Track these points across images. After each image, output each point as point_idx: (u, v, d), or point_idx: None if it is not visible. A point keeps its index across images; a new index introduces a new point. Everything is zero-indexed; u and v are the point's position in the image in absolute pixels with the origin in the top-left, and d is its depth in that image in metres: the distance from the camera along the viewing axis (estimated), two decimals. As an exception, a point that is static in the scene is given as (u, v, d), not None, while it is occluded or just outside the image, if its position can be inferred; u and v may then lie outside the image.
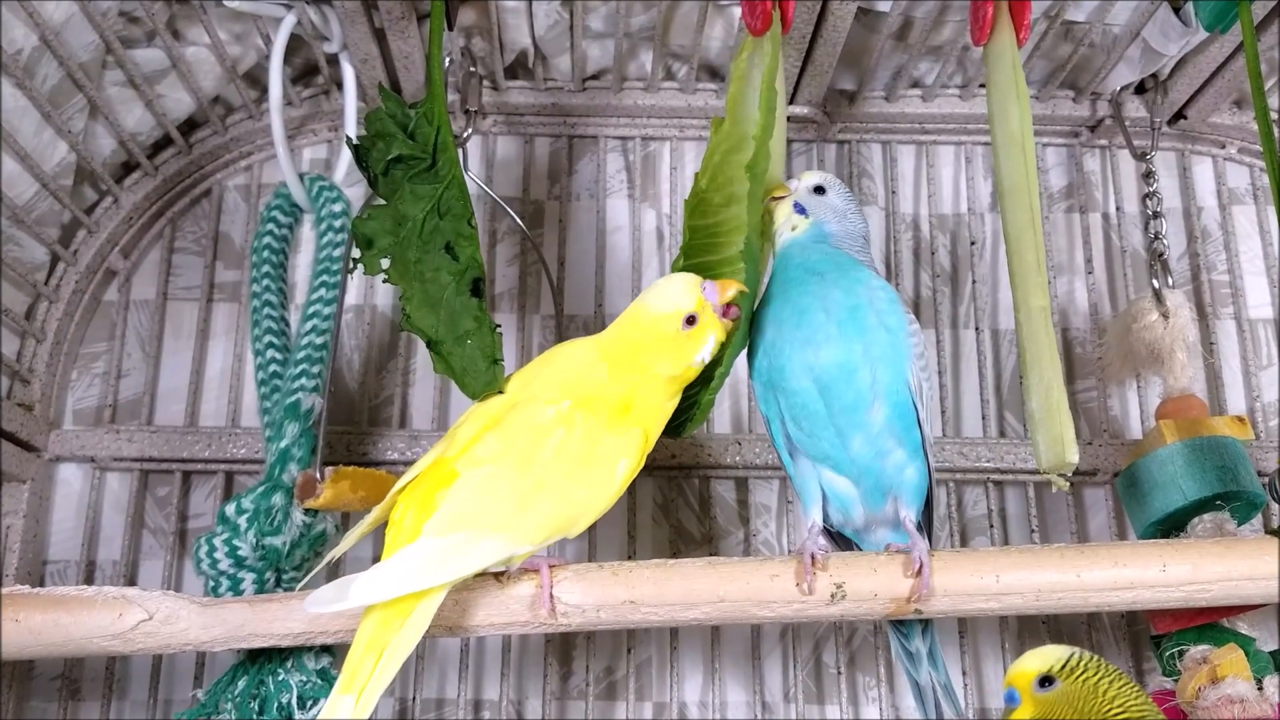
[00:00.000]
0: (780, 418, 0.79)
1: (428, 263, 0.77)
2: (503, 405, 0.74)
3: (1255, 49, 0.83)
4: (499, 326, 0.78)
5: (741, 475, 1.04)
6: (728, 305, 0.74)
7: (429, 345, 0.77)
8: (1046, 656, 0.70)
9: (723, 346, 0.76)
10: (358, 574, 0.67)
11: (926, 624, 0.83)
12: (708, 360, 0.75)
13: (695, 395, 0.79)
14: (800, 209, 0.84)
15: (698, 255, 0.81)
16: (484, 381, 0.76)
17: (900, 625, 0.83)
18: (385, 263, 0.77)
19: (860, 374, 0.75)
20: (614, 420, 0.72)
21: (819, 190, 0.84)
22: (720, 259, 0.80)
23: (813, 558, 0.75)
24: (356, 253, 0.79)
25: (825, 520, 0.80)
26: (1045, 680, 0.69)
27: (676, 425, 0.80)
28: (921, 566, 0.74)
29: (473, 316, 0.77)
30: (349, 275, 0.95)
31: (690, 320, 0.73)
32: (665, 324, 0.73)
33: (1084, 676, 0.69)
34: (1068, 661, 0.69)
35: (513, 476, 0.70)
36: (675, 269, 0.82)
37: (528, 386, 0.75)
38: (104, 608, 0.75)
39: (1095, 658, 0.70)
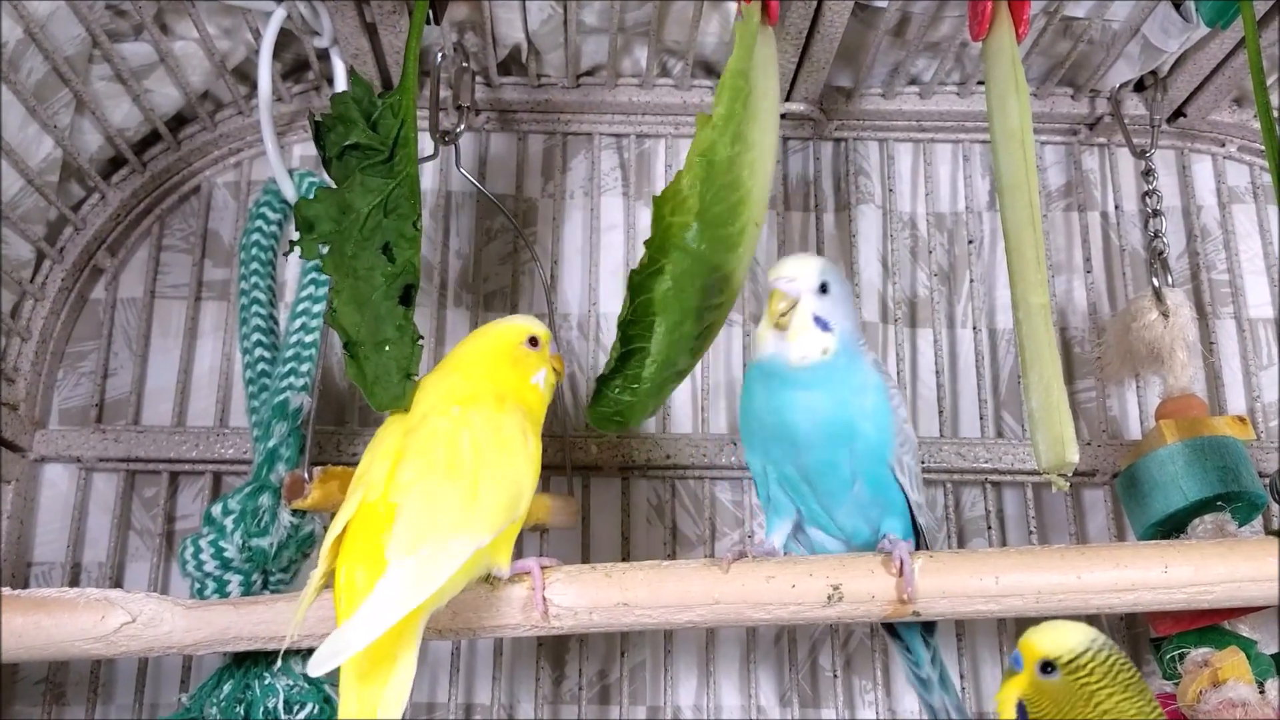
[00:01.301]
0: (764, 474, 0.80)
1: (363, 259, 0.76)
2: (398, 435, 0.73)
3: (1257, 44, 0.82)
4: (422, 339, 0.76)
5: (737, 476, 1.03)
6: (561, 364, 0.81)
7: (345, 346, 0.75)
8: (1062, 641, 0.67)
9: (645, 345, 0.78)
10: (342, 626, 0.64)
11: (934, 653, 0.83)
12: (543, 389, 0.78)
13: (621, 391, 0.79)
14: (823, 324, 0.76)
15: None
16: (393, 395, 0.74)
17: (910, 652, 0.83)
18: (324, 249, 0.76)
19: (842, 469, 0.77)
20: (498, 406, 0.74)
21: (824, 289, 0.77)
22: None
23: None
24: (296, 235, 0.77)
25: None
26: (1047, 666, 0.67)
27: (610, 417, 0.80)
28: (902, 564, 0.74)
29: (396, 325, 0.75)
30: (284, 257, 0.93)
31: (533, 341, 0.78)
32: (510, 336, 0.78)
33: (1084, 680, 0.66)
34: (1078, 657, 0.67)
35: (447, 483, 0.69)
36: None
37: (415, 412, 0.75)
38: (86, 610, 0.73)
39: (1111, 658, 0.67)
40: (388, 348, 0.74)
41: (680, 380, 0.82)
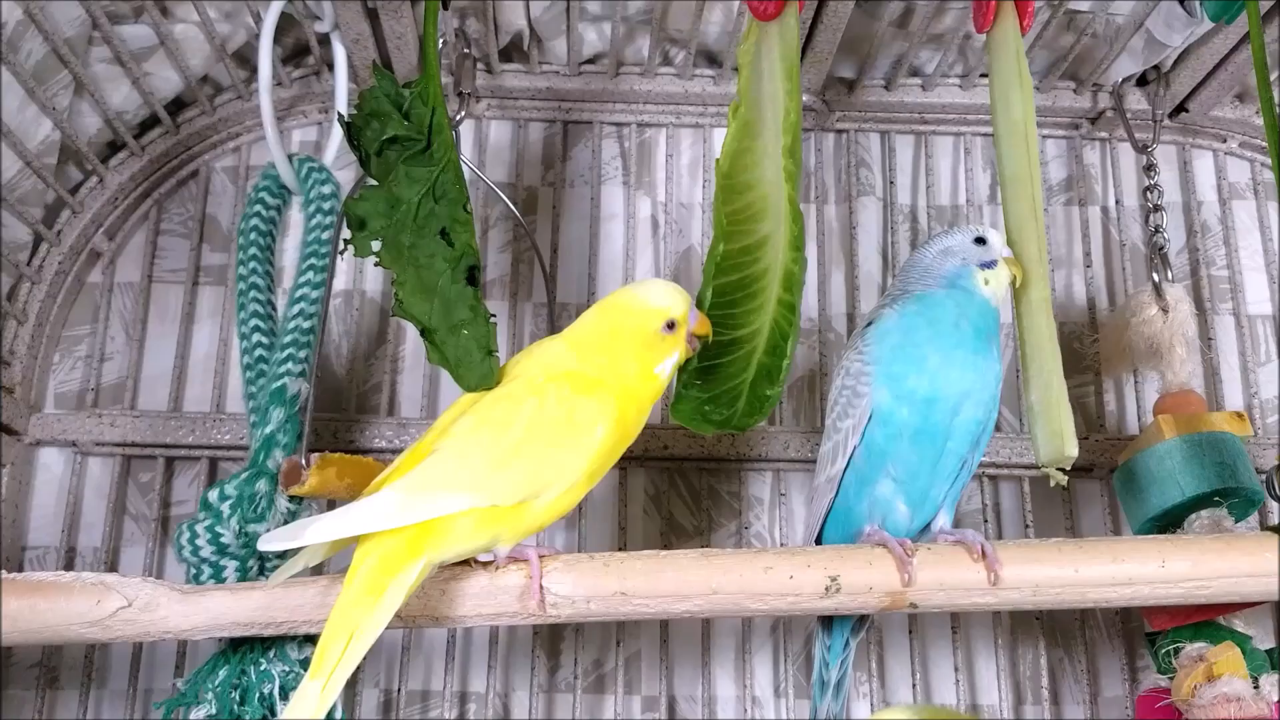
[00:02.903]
0: (895, 438, 0.78)
1: (422, 248, 0.76)
2: (479, 393, 0.75)
3: (1262, 40, 0.81)
4: (494, 316, 0.76)
5: (734, 467, 1.03)
6: (695, 336, 0.76)
7: (423, 334, 0.76)
8: None
9: (784, 339, 0.77)
10: (318, 515, 0.68)
11: (848, 655, 0.84)
12: (665, 378, 0.76)
13: (743, 386, 0.79)
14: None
15: (736, 240, 0.81)
16: (479, 374, 0.75)
17: (827, 651, 0.84)
18: (376, 245, 0.76)
19: (982, 439, 0.80)
20: (587, 389, 0.73)
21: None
22: (748, 244, 0.81)
23: (903, 547, 0.75)
24: (347, 233, 0.77)
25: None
26: None
27: (732, 418, 0.79)
28: (984, 548, 0.75)
29: (468, 306, 0.75)
30: (340, 256, 0.93)
31: (670, 325, 0.74)
32: (648, 319, 0.74)
33: None
34: None
35: (487, 442, 0.71)
36: (712, 254, 0.81)
37: (508, 374, 0.76)
38: (82, 594, 0.73)
39: None
40: (464, 330, 0.75)
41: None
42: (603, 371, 0.74)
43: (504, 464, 0.70)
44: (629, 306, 0.75)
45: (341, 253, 0.79)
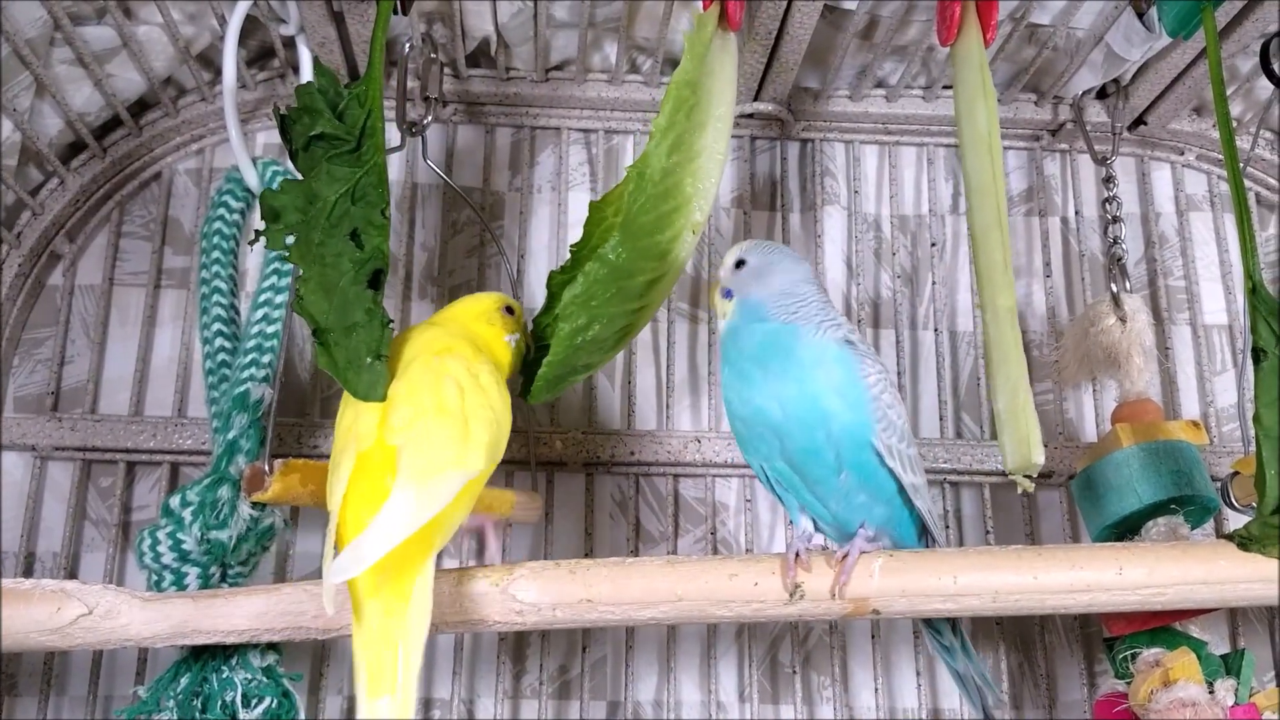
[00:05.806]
0: (762, 472, 0.81)
1: (330, 246, 0.75)
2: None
3: (1219, 55, 0.83)
4: (392, 322, 0.76)
5: (701, 473, 1.04)
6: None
7: (315, 333, 0.74)
8: None
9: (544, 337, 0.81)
10: (354, 541, 0.65)
11: (956, 622, 0.84)
12: (514, 346, 0.81)
13: (534, 367, 0.82)
14: (726, 293, 0.82)
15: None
16: (367, 379, 0.73)
17: (930, 623, 0.85)
18: (290, 239, 0.75)
19: (824, 454, 0.76)
20: (475, 356, 0.76)
21: (740, 264, 0.83)
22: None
23: (796, 555, 0.76)
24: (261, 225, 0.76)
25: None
26: None
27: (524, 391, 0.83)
28: (845, 557, 0.76)
29: (365, 309, 0.74)
30: (250, 247, 0.93)
31: (509, 310, 0.82)
32: (488, 302, 0.83)
33: None
34: None
35: (440, 423, 0.71)
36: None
37: (396, 363, 0.76)
38: (41, 601, 0.72)
39: None
40: (356, 332, 0.74)
41: (587, 373, 0.85)
42: (470, 341, 0.78)
43: (466, 435, 0.71)
44: (470, 297, 0.84)
45: (252, 243, 0.77)
